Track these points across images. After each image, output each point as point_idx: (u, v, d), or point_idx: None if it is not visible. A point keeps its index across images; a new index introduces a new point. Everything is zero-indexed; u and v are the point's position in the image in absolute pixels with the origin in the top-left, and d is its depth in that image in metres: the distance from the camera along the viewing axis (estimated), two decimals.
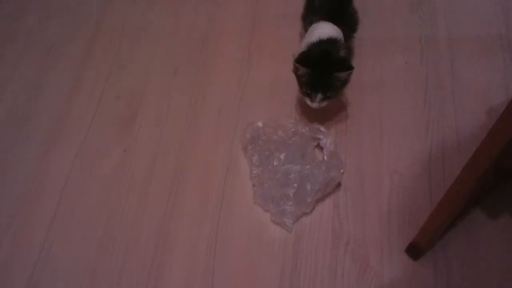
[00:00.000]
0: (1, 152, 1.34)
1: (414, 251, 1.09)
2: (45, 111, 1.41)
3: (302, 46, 1.23)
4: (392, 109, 1.32)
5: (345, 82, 1.18)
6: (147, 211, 1.21)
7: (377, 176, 1.21)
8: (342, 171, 1.18)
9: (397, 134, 1.27)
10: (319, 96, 1.18)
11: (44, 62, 1.51)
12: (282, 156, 1.19)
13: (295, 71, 1.20)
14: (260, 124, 1.25)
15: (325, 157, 1.19)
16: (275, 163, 1.19)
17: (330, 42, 1.19)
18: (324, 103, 1.20)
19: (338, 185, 1.19)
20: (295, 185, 1.15)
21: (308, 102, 1.21)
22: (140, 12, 1.60)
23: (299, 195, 1.14)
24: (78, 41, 1.55)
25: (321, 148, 1.22)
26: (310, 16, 1.32)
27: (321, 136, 1.22)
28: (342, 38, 1.23)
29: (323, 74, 1.15)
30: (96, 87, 1.44)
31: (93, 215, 1.22)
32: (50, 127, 1.37)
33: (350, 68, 1.15)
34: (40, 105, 1.42)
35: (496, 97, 1.31)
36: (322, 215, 1.17)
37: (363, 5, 1.37)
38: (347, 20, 1.29)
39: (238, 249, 1.14)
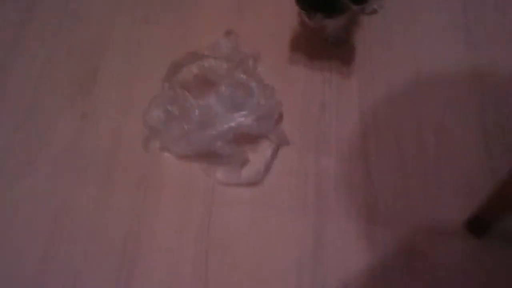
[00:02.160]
0: None
1: (478, 225, 0.81)
2: None
3: None
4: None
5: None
6: (112, 201, 0.90)
7: (418, 134, 0.93)
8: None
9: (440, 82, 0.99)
10: (319, 16, 0.91)
11: None
12: None
13: None
14: None
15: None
16: None
17: None
18: (325, 22, 0.94)
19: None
20: None
21: (306, 19, 0.93)
22: None
23: None
24: None
25: None
26: None
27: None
28: None
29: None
30: (45, 39, 1.12)
31: (37, 206, 0.90)
32: None
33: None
34: None
35: None
36: (351, 186, 0.88)
37: None
38: None
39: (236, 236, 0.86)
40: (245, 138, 0.91)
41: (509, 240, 0.81)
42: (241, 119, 0.87)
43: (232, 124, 0.87)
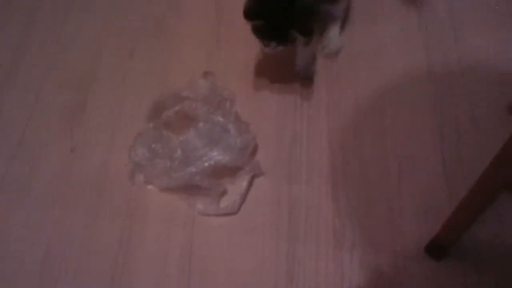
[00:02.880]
0: None
1: (437, 250, 0.88)
2: None
3: None
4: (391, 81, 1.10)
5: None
6: (100, 230, 0.97)
7: (382, 162, 1.00)
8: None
9: (401, 112, 1.06)
10: (273, 44, 0.98)
11: None
12: None
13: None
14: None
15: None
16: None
17: None
18: (279, 49, 0.99)
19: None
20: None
21: (262, 46, 1.00)
22: None
23: None
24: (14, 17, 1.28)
25: None
26: None
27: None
28: None
29: (279, 28, 0.96)
30: (33, 73, 1.18)
31: (29, 236, 0.96)
32: None
33: (309, 33, 0.95)
34: None
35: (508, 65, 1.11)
36: (320, 212, 0.95)
37: None
38: None
39: (217, 261, 0.92)
40: (223, 170, 0.97)
41: (464, 262, 0.88)
42: (218, 157, 0.94)
43: (211, 162, 0.94)
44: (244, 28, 0.98)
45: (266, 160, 1.00)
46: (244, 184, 0.96)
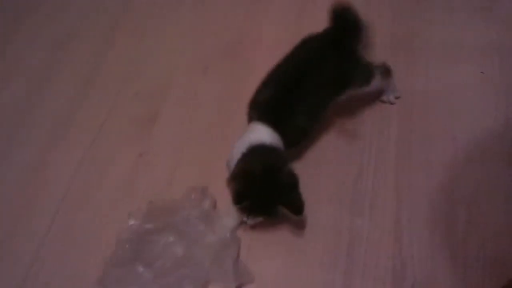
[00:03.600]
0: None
1: None
2: (51, 108, 1.21)
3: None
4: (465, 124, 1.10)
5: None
6: None
7: (449, 207, 0.98)
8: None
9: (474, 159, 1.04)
10: (259, 218, 0.95)
11: (57, 52, 1.33)
12: None
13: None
14: None
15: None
16: None
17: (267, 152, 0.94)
18: (260, 219, 0.95)
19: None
20: None
21: (244, 218, 0.95)
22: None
23: None
24: (96, 30, 1.37)
25: None
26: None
27: None
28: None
29: (266, 205, 0.93)
30: (112, 81, 1.25)
31: (94, 234, 0.99)
32: (54, 126, 1.18)
33: (300, 211, 0.90)
34: (46, 100, 1.23)
35: None
36: (380, 249, 0.93)
37: None
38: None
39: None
40: None
41: None
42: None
43: None
44: None
45: (328, 187, 1.01)
46: None
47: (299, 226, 0.96)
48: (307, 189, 0.95)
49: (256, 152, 0.93)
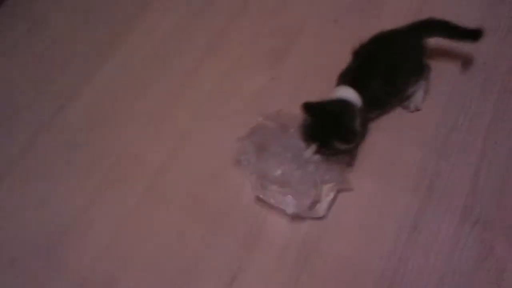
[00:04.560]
0: (160, 56, 1.44)
1: None
2: (208, 26, 1.48)
3: None
4: None
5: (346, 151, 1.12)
6: None
7: None
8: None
9: None
10: (313, 148, 1.10)
11: None
12: None
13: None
14: None
15: None
16: None
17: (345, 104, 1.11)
18: (317, 157, 1.11)
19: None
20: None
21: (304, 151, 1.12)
22: None
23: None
24: None
25: None
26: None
27: None
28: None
29: (322, 130, 1.09)
30: (257, 17, 1.50)
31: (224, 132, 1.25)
32: (208, 43, 1.45)
33: (351, 140, 1.08)
34: (203, 23, 1.50)
35: None
36: (457, 187, 1.13)
37: None
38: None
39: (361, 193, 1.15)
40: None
41: None
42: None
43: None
44: None
45: (424, 132, 1.21)
46: (332, 194, 1.12)
47: (392, 158, 1.18)
48: (402, 131, 1.19)
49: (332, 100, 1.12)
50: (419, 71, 1.22)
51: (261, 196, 1.12)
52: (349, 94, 1.13)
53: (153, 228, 1.15)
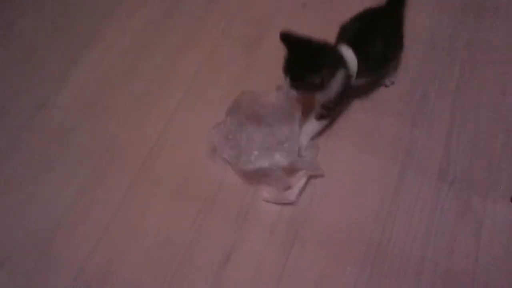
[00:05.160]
0: (138, 49, 1.47)
1: None
2: (181, 22, 1.52)
3: None
4: None
5: (318, 86, 1.09)
6: None
7: (492, 130, 1.22)
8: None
9: None
10: (288, 80, 1.09)
11: None
12: None
13: None
14: None
15: None
16: None
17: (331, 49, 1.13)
18: (293, 93, 1.11)
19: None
20: None
21: (282, 81, 1.12)
22: None
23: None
24: None
25: None
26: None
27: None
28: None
29: (296, 63, 1.08)
30: (227, 9, 1.54)
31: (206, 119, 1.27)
32: (185, 36, 1.48)
33: (319, 71, 1.06)
34: (175, 19, 1.53)
35: None
36: (433, 152, 1.20)
37: None
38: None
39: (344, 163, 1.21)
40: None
41: None
42: (281, 159, 1.13)
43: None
44: None
45: (396, 103, 1.28)
46: (303, 180, 1.15)
47: (367, 131, 1.24)
48: (375, 102, 1.24)
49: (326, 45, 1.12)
50: (403, 43, 1.27)
51: (251, 167, 1.14)
52: (348, 54, 1.13)
53: (144, 217, 1.16)
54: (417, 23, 1.38)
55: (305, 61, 1.07)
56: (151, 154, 1.25)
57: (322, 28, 1.41)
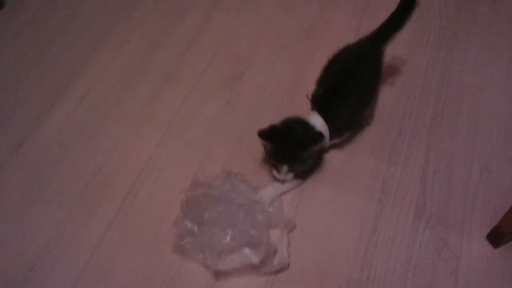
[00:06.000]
0: (121, 88, 1.49)
1: (496, 237, 1.11)
2: (164, 58, 1.56)
3: None
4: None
5: (314, 155, 1.17)
6: None
7: (466, 167, 1.26)
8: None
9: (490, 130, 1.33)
10: (284, 167, 1.15)
11: (167, 21, 1.67)
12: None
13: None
14: None
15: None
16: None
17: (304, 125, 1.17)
18: (291, 175, 1.18)
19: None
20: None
21: (275, 173, 1.18)
22: None
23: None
24: (199, 7, 1.71)
25: None
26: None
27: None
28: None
29: (287, 148, 1.13)
30: (209, 47, 1.59)
31: (187, 156, 1.31)
32: (165, 72, 1.51)
33: (314, 141, 1.13)
34: (159, 55, 1.57)
35: None
36: (408, 190, 1.22)
37: None
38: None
39: (321, 204, 1.21)
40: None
41: None
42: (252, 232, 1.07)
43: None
44: None
45: (371, 142, 1.31)
46: (285, 239, 1.12)
47: (343, 170, 1.26)
48: (353, 143, 1.28)
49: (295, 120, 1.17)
50: (378, 91, 1.29)
51: (220, 267, 1.07)
52: (318, 122, 1.17)
53: (123, 254, 1.14)
54: (391, 61, 1.44)
55: (294, 142, 1.13)
56: (131, 190, 1.24)
57: (297, 68, 1.48)
